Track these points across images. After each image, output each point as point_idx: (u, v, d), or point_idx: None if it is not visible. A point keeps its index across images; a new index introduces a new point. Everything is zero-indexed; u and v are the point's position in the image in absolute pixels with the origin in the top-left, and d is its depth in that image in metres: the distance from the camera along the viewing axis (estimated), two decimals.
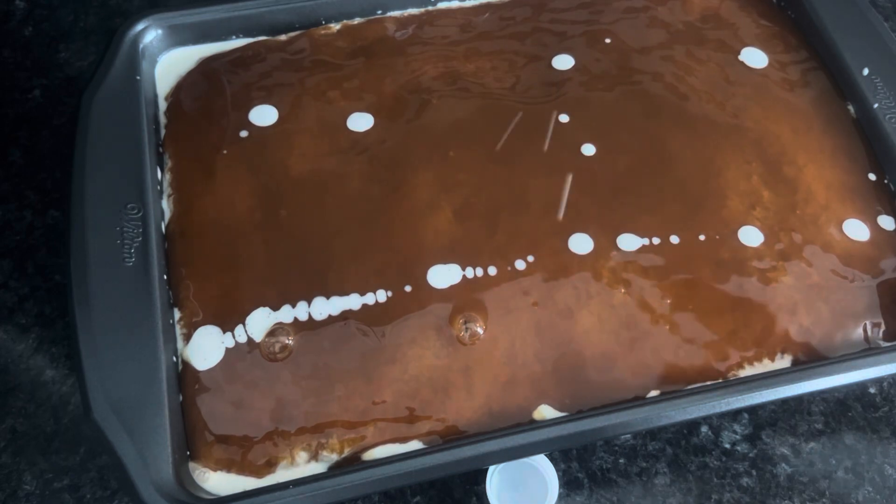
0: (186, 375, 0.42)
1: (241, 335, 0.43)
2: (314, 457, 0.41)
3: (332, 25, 0.56)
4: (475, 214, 0.47)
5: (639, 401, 0.41)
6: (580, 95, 0.52)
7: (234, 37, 0.55)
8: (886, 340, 0.44)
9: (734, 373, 0.43)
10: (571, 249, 0.46)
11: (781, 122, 0.51)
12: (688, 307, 0.44)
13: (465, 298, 0.44)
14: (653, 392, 0.42)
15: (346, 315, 0.43)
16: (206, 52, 0.55)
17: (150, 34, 0.53)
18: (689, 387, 0.42)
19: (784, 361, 0.44)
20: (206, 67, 0.54)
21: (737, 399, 0.40)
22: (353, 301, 0.44)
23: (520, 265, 0.45)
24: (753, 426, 0.46)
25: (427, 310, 0.44)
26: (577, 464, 0.45)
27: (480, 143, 0.50)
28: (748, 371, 0.43)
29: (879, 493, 0.45)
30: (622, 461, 0.45)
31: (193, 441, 0.41)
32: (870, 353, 0.43)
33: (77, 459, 0.45)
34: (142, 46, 0.52)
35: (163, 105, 0.52)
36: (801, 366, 0.43)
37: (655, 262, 0.45)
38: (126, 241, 0.43)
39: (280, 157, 0.49)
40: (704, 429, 0.46)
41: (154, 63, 0.53)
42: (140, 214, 0.45)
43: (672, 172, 0.49)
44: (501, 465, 0.43)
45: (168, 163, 0.49)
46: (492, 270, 0.45)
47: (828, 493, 0.44)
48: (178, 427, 0.40)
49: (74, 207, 0.44)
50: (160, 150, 0.50)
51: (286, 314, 0.43)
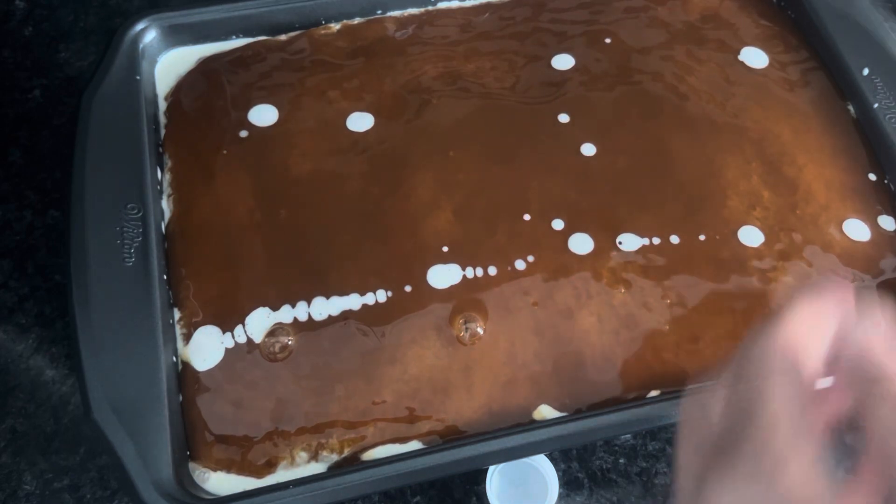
0: (186, 375, 0.42)
1: (241, 335, 0.43)
2: (314, 457, 0.41)
3: (332, 25, 0.56)
4: (475, 214, 0.47)
5: (639, 401, 0.41)
6: (580, 95, 0.52)
7: (234, 37, 0.55)
8: None
9: None
10: (571, 249, 0.46)
11: (781, 122, 0.51)
12: (688, 307, 0.44)
13: (465, 298, 0.44)
14: (653, 392, 0.42)
15: (346, 315, 0.43)
16: (206, 52, 0.54)
17: (150, 34, 0.53)
18: (690, 387, 0.42)
19: None
20: (206, 67, 0.54)
21: None
22: (353, 301, 0.44)
23: (520, 265, 0.45)
24: None
25: (427, 310, 0.44)
26: (577, 464, 0.45)
27: (480, 143, 0.50)
28: None
29: None
30: (622, 461, 0.45)
31: (193, 441, 0.41)
32: None
33: (77, 459, 0.45)
34: (142, 46, 0.52)
35: (163, 105, 0.52)
36: None
37: (655, 262, 0.45)
38: (126, 241, 0.43)
39: (280, 157, 0.49)
40: None
41: (154, 63, 0.53)
42: (140, 214, 0.45)
43: (672, 172, 0.49)
44: (501, 465, 0.43)
45: (168, 163, 0.49)
46: (492, 270, 0.45)
47: None
48: (178, 427, 0.40)
49: (74, 207, 0.44)
50: (160, 150, 0.50)
51: (286, 314, 0.43)
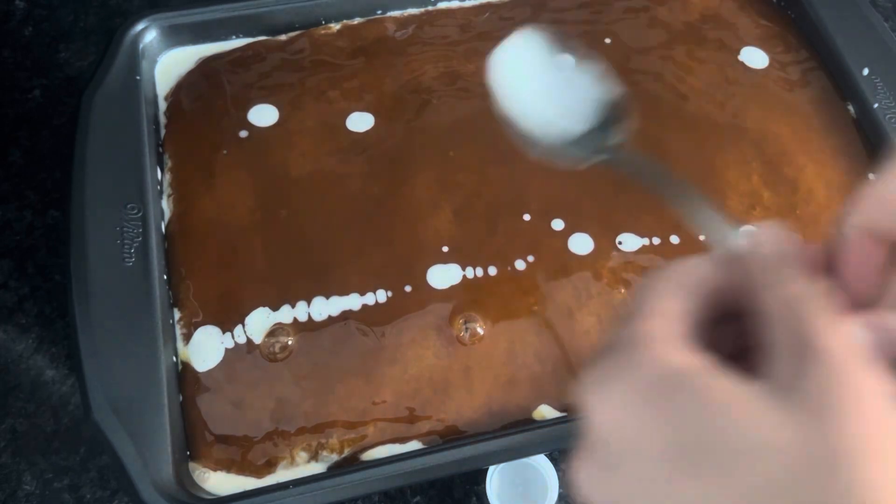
0: (186, 375, 0.42)
1: (241, 335, 0.43)
2: (314, 457, 0.41)
3: (332, 25, 0.56)
4: (475, 214, 0.47)
5: None
6: None
7: (234, 37, 0.55)
8: None
9: None
10: (571, 249, 0.46)
11: (781, 122, 0.51)
12: None
13: (465, 298, 0.44)
14: None
15: (346, 315, 0.43)
16: (206, 52, 0.54)
17: (150, 34, 0.53)
18: None
19: None
20: (206, 67, 0.54)
21: None
22: (353, 301, 0.44)
23: (520, 265, 0.45)
24: None
25: (427, 310, 0.44)
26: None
27: (480, 143, 0.50)
28: None
29: None
30: None
31: (193, 441, 0.41)
32: None
33: (77, 459, 0.45)
34: (142, 46, 0.52)
35: (163, 105, 0.52)
36: None
37: (656, 262, 0.45)
38: (126, 241, 0.43)
39: (280, 157, 0.49)
40: None
41: (154, 63, 0.53)
42: (140, 214, 0.45)
43: (672, 172, 0.49)
44: (501, 465, 0.43)
45: (168, 163, 0.49)
46: (492, 270, 0.45)
47: None
48: (178, 427, 0.40)
49: (74, 207, 0.44)
50: (160, 150, 0.50)
51: (285, 314, 0.43)
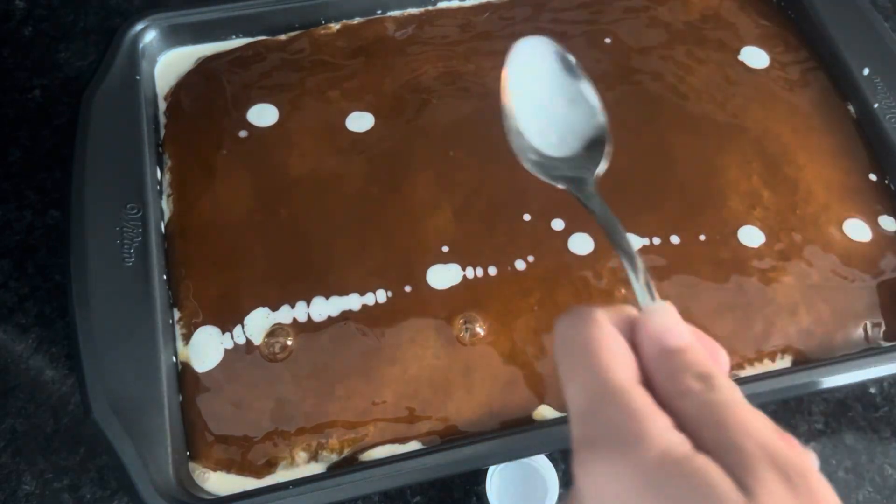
0: (186, 376, 0.42)
1: (240, 336, 0.43)
2: (314, 457, 0.41)
3: (332, 25, 0.56)
4: (475, 214, 0.47)
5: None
6: None
7: (234, 37, 0.55)
8: (887, 340, 0.44)
9: (734, 373, 0.43)
10: (571, 250, 0.46)
11: (781, 122, 0.51)
12: (688, 307, 0.44)
13: (465, 298, 0.44)
14: None
15: (346, 315, 0.43)
16: (206, 52, 0.54)
17: (150, 34, 0.53)
18: None
19: (784, 361, 0.44)
20: (206, 67, 0.54)
21: None
22: (353, 301, 0.44)
23: (520, 265, 0.45)
24: None
25: (427, 310, 0.44)
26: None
27: (480, 143, 0.50)
28: (749, 371, 0.43)
29: (880, 493, 0.44)
30: None
31: (193, 441, 0.41)
32: (870, 353, 0.43)
33: (77, 459, 0.45)
34: (141, 46, 0.52)
35: (162, 105, 0.52)
36: (802, 366, 0.43)
37: (656, 262, 0.45)
38: (126, 241, 0.43)
39: (280, 157, 0.49)
40: None
41: (154, 63, 0.53)
42: (140, 214, 0.45)
43: (672, 172, 0.49)
44: (501, 465, 0.43)
45: (168, 163, 0.49)
46: (492, 270, 0.45)
47: None
48: (178, 427, 0.40)
49: (74, 207, 0.44)
50: (160, 150, 0.50)
51: (285, 314, 0.43)
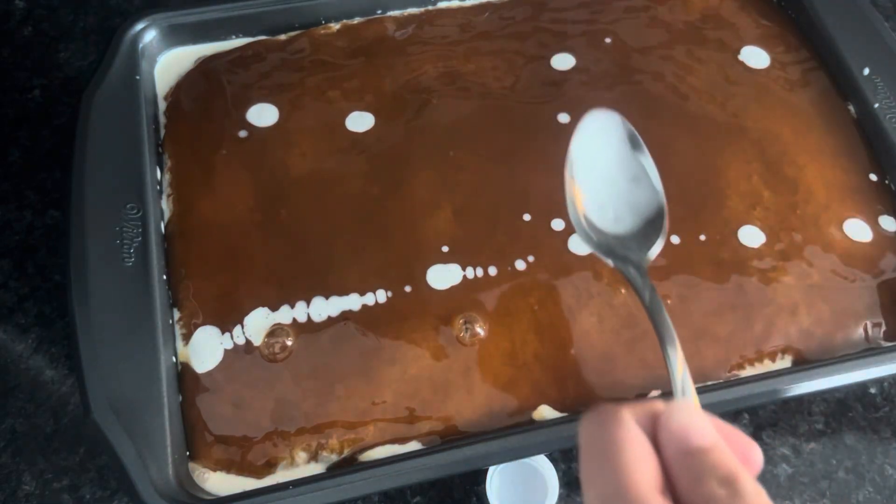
0: (186, 376, 0.42)
1: (240, 336, 0.43)
2: (314, 457, 0.41)
3: (332, 25, 0.56)
4: (475, 214, 0.47)
5: (639, 401, 0.41)
6: (580, 95, 0.52)
7: (234, 37, 0.55)
8: (887, 340, 0.44)
9: (735, 373, 0.43)
10: (571, 250, 0.46)
11: (782, 122, 0.51)
12: (688, 307, 0.44)
13: (465, 298, 0.44)
14: (653, 392, 0.42)
15: (346, 315, 0.43)
16: (206, 52, 0.54)
17: (150, 34, 0.53)
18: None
19: (784, 362, 0.44)
20: (206, 67, 0.54)
21: (737, 399, 0.40)
22: (353, 301, 0.44)
23: (520, 265, 0.45)
24: (754, 426, 0.46)
25: (427, 310, 0.44)
26: (578, 464, 0.45)
27: (480, 143, 0.50)
28: (749, 371, 0.43)
29: (880, 494, 0.44)
30: None
31: (193, 441, 0.41)
32: (870, 353, 0.43)
33: (77, 459, 0.45)
34: (141, 46, 0.52)
35: (162, 105, 0.52)
36: (802, 366, 0.43)
37: (656, 262, 0.45)
38: (126, 241, 0.43)
39: (280, 157, 0.49)
40: None
41: (154, 63, 0.53)
42: (140, 214, 0.45)
43: (672, 172, 0.48)
44: (501, 465, 0.43)
45: (168, 163, 0.49)
46: (492, 270, 0.45)
47: (828, 494, 0.44)
48: (178, 427, 0.40)
49: (74, 207, 0.44)
50: (160, 150, 0.50)
51: (284, 315, 0.43)
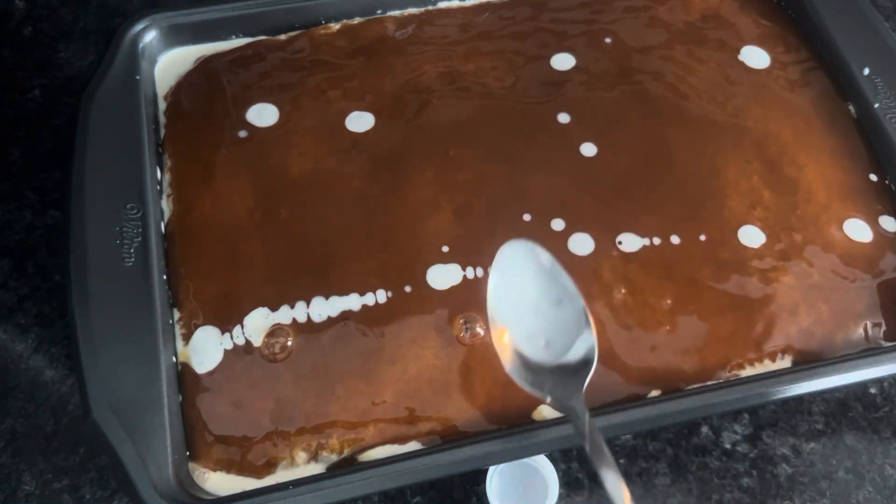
0: (186, 376, 0.42)
1: (239, 336, 0.43)
2: (314, 457, 0.41)
3: (332, 25, 0.56)
4: (475, 214, 0.47)
5: (639, 401, 0.41)
6: (580, 95, 0.52)
7: (234, 36, 0.55)
8: (887, 340, 0.44)
9: (735, 373, 0.43)
10: (571, 250, 0.46)
11: (782, 122, 0.51)
12: (688, 307, 0.44)
13: (465, 298, 0.44)
14: (653, 392, 0.42)
15: (346, 315, 0.43)
16: (206, 52, 0.54)
17: (150, 34, 0.53)
18: (690, 387, 0.42)
19: (785, 362, 0.44)
20: (206, 67, 0.54)
21: (737, 399, 0.40)
22: (353, 301, 0.44)
23: None
24: (754, 426, 0.46)
25: (427, 310, 0.44)
26: (577, 464, 0.45)
27: (480, 143, 0.50)
28: (749, 371, 0.43)
29: (880, 494, 0.44)
30: (622, 461, 0.45)
31: (193, 441, 0.41)
32: (870, 353, 0.43)
33: (77, 460, 0.45)
34: (141, 46, 0.52)
35: (162, 105, 0.52)
36: (802, 366, 0.43)
37: (656, 263, 0.45)
38: (126, 241, 0.43)
39: (280, 157, 0.49)
40: (705, 429, 0.46)
41: (154, 63, 0.53)
42: (140, 214, 0.45)
43: (672, 172, 0.49)
44: (501, 466, 0.43)
45: (168, 163, 0.49)
46: None
47: (828, 494, 0.44)
48: (178, 427, 0.40)
49: (74, 207, 0.44)
50: (160, 150, 0.50)
51: (284, 315, 0.43)
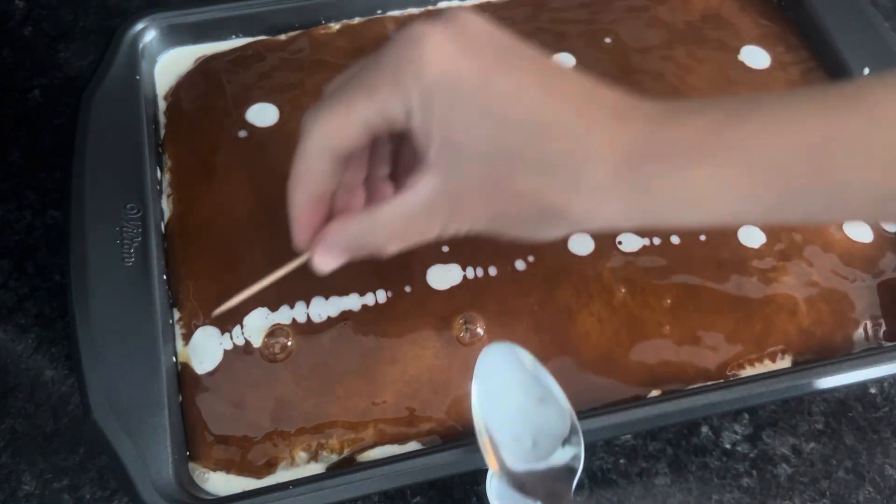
0: (186, 376, 0.42)
1: (239, 337, 0.43)
2: (314, 457, 0.41)
3: (332, 25, 0.56)
4: None
5: (639, 401, 0.41)
6: None
7: (234, 36, 0.55)
8: (887, 340, 0.44)
9: (735, 373, 0.43)
10: (571, 250, 0.46)
11: None
12: (688, 307, 0.44)
13: (465, 298, 0.44)
14: (653, 392, 0.42)
15: (346, 315, 0.43)
16: (206, 52, 0.54)
17: (150, 34, 0.53)
18: (690, 387, 0.42)
19: (784, 362, 0.44)
20: (206, 67, 0.54)
21: (737, 399, 0.40)
22: (353, 301, 0.44)
23: (520, 265, 0.45)
24: (754, 426, 0.46)
25: (427, 310, 0.44)
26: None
27: None
28: (749, 371, 0.43)
29: (880, 494, 0.44)
30: (622, 461, 0.45)
31: (193, 441, 0.41)
32: (870, 353, 0.43)
33: (77, 460, 0.45)
34: (141, 46, 0.52)
35: (162, 105, 0.52)
36: (802, 366, 0.43)
37: (656, 263, 0.45)
38: (126, 241, 0.43)
39: (280, 157, 0.49)
40: (705, 429, 0.46)
41: (154, 63, 0.53)
42: (140, 214, 0.45)
43: None
44: None
45: (168, 163, 0.49)
46: (492, 270, 0.45)
47: (828, 494, 0.44)
48: (178, 427, 0.40)
49: (74, 207, 0.44)
50: (160, 150, 0.50)
51: (284, 315, 0.43)
